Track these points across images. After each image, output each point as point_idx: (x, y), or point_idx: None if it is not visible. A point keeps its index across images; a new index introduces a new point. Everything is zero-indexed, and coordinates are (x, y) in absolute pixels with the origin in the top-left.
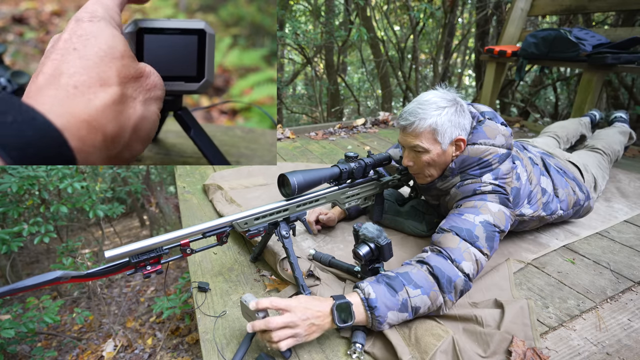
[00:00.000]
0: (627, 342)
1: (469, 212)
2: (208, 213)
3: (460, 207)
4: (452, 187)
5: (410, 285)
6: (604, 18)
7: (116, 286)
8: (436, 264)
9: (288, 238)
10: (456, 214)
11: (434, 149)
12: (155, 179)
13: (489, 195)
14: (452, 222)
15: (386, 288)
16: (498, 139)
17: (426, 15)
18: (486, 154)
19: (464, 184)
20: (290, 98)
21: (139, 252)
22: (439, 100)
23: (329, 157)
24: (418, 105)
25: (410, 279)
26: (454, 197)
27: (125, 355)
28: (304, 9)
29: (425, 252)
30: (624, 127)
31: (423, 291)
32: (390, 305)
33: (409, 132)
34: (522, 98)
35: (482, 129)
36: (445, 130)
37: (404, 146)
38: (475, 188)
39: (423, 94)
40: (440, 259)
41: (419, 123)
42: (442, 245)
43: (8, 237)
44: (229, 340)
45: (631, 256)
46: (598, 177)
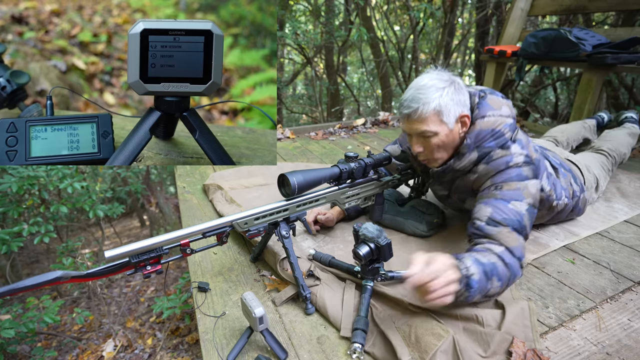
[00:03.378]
0: (627, 342)
1: (513, 199)
2: (208, 213)
3: (501, 188)
4: (473, 166)
5: (495, 277)
6: (604, 18)
7: (116, 286)
8: (510, 262)
9: (288, 238)
10: (501, 200)
11: (441, 130)
12: (155, 179)
13: (524, 169)
14: (501, 212)
15: (483, 275)
16: (504, 109)
17: (426, 15)
18: (497, 125)
19: (493, 158)
20: (290, 98)
21: (139, 252)
22: (436, 82)
23: (329, 157)
24: (417, 91)
25: (497, 273)
26: (485, 174)
27: (125, 355)
28: (304, 9)
29: (490, 243)
30: (633, 128)
31: (500, 285)
32: (481, 289)
33: (415, 119)
34: (522, 98)
35: (487, 102)
36: (449, 110)
37: (411, 134)
38: (507, 160)
39: (417, 79)
40: (511, 258)
41: (423, 108)
42: (502, 241)
43: (8, 237)
44: (229, 340)
45: (631, 256)
46: (600, 178)
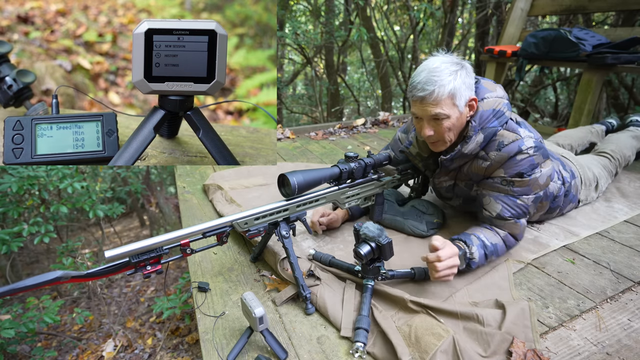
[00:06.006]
0: (627, 342)
1: (523, 194)
2: (208, 213)
3: (513, 184)
4: (482, 152)
5: (494, 255)
6: (604, 18)
7: (116, 286)
8: (510, 243)
9: (288, 238)
10: (511, 197)
11: (453, 113)
12: (155, 179)
13: (535, 157)
14: (510, 208)
15: (484, 257)
16: (499, 91)
17: (426, 15)
18: (497, 105)
19: (505, 143)
20: (290, 98)
21: (139, 252)
22: (448, 65)
23: (329, 157)
24: (431, 74)
25: (497, 251)
26: (499, 161)
27: (125, 355)
28: (304, 9)
29: (497, 226)
30: (637, 131)
31: (496, 257)
32: (480, 265)
33: (430, 102)
34: (522, 98)
35: (483, 85)
36: (462, 94)
37: (422, 117)
38: (519, 145)
39: (427, 61)
40: (512, 241)
41: (439, 90)
42: (508, 229)
43: (8, 237)
44: (229, 340)
45: (631, 256)
46: (601, 178)
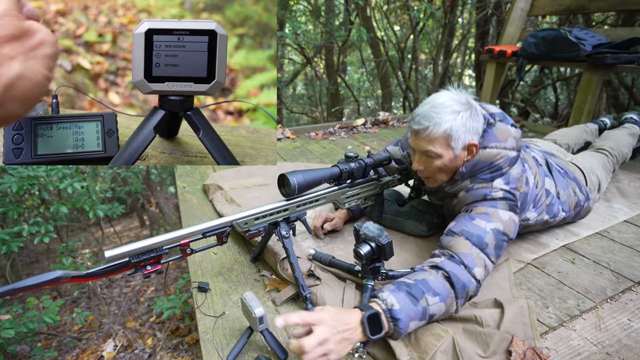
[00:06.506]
0: (627, 342)
1: (480, 218)
2: (208, 213)
3: (471, 211)
4: (461, 191)
5: (429, 293)
6: (604, 18)
7: (116, 286)
8: (451, 270)
9: (288, 238)
10: (467, 217)
11: (446, 154)
12: (155, 179)
13: (500, 202)
14: (462, 225)
15: (408, 297)
16: (509, 142)
17: (426, 15)
18: (497, 158)
19: (474, 188)
20: (290, 98)
21: (139, 252)
22: (453, 104)
23: (329, 157)
24: (432, 109)
25: (429, 287)
26: (463, 201)
27: (125, 355)
28: (304, 9)
29: (437, 256)
30: (633, 129)
31: (441, 298)
32: (412, 315)
33: (422, 137)
34: (522, 98)
35: (493, 132)
36: (459, 136)
37: (415, 150)
38: (485, 193)
39: (435, 95)
40: (454, 265)
41: (433, 128)
42: (453, 249)
43: (8, 237)
44: (229, 340)
45: (631, 256)
46: (602, 180)
